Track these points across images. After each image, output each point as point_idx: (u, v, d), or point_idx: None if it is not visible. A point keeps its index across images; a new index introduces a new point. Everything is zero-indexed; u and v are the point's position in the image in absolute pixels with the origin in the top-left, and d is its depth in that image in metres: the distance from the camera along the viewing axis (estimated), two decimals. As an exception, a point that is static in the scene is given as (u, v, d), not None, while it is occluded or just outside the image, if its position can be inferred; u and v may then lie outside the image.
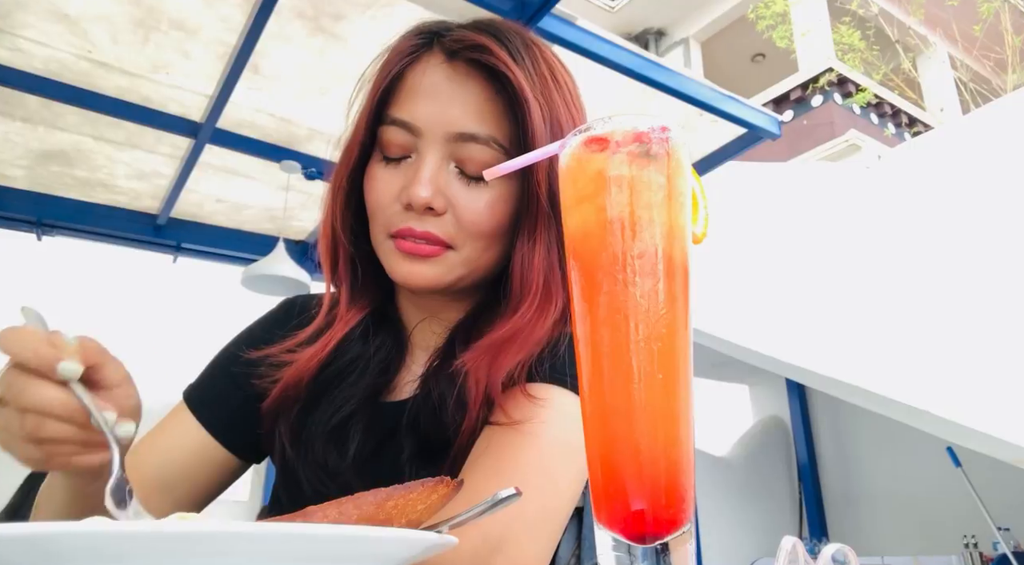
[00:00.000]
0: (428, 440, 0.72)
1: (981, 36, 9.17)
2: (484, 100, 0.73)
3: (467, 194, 0.72)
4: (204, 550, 0.30)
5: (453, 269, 0.72)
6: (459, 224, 0.71)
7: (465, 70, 0.74)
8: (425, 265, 0.71)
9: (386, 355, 0.79)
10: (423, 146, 0.72)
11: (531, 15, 2.07)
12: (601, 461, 0.37)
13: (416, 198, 0.69)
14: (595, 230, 0.38)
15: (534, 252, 0.73)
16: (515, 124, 0.72)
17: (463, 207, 0.71)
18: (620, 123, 0.39)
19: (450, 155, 0.72)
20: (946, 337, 3.00)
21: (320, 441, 0.74)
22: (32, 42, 2.23)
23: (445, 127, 0.72)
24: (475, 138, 0.72)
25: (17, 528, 0.28)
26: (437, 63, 0.75)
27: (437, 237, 0.71)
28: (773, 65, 10.08)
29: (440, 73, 0.74)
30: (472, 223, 0.71)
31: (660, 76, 2.52)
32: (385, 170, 0.74)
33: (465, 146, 0.72)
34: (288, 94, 2.57)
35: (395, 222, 0.72)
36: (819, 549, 0.40)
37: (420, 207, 0.70)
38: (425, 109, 0.73)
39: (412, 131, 0.72)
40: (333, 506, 0.45)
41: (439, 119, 0.72)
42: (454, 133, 0.72)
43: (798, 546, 0.38)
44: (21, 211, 3.08)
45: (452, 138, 0.72)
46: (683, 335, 0.37)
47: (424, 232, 0.70)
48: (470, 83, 0.73)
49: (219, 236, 3.53)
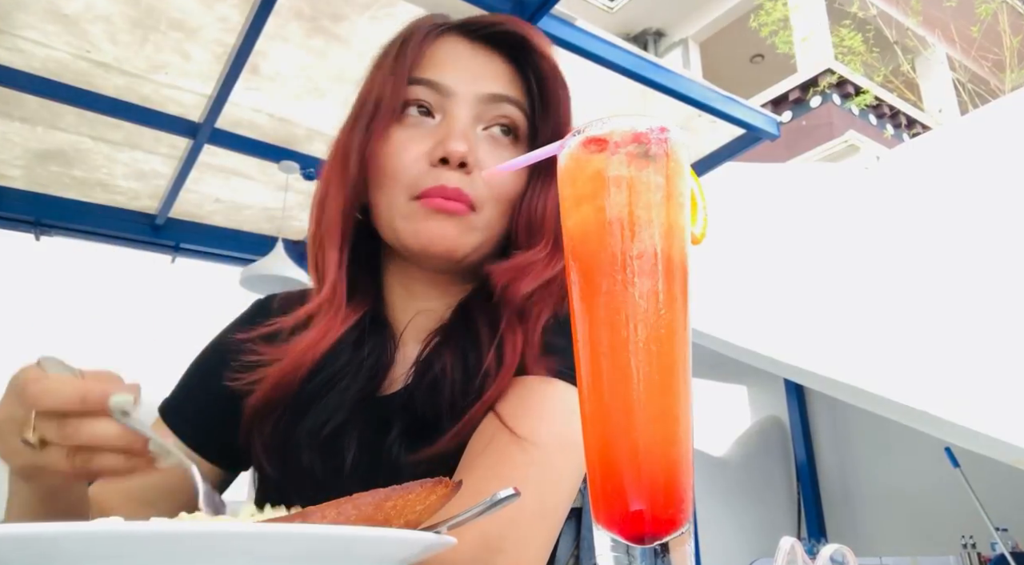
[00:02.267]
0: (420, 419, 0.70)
1: (979, 37, 9.18)
2: (509, 70, 0.76)
3: (496, 157, 0.72)
4: (204, 550, 0.30)
5: (473, 232, 0.71)
6: (487, 185, 0.71)
7: (486, 46, 0.76)
8: (451, 223, 0.70)
9: (376, 357, 0.76)
10: (452, 106, 0.72)
11: (530, 15, 2.07)
12: (600, 461, 0.37)
13: (454, 151, 0.68)
14: (594, 231, 0.38)
15: (546, 203, 0.74)
16: (538, 98, 0.75)
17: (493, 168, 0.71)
18: (619, 124, 0.39)
19: (479, 117, 0.73)
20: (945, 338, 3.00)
21: (308, 451, 0.71)
22: (31, 42, 2.23)
23: (476, 87, 0.72)
24: (507, 98, 0.73)
25: (17, 528, 0.28)
26: (458, 40, 0.76)
27: (466, 195, 0.70)
28: (772, 66, 10.09)
29: (464, 46, 0.76)
30: (499, 184, 0.72)
31: (659, 77, 2.52)
32: (407, 132, 0.72)
33: (497, 106, 0.73)
34: (287, 94, 2.57)
35: (423, 181, 0.70)
36: (817, 549, 0.40)
37: (457, 160, 0.69)
38: (454, 71, 0.73)
39: (440, 90, 0.72)
40: (332, 507, 0.45)
41: (470, 79, 0.72)
42: (485, 94, 0.73)
43: (796, 546, 0.38)
44: (19, 211, 3.07)
45: (483, 99, 0.73)
46: (682, 335, 0.37)
47: (456, 189, 0.69)
48: (494, 55, 0.76)
49: (218, 236, 3.53)
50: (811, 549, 3.79)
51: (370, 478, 0.68)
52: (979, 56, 9.58)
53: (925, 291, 3.33)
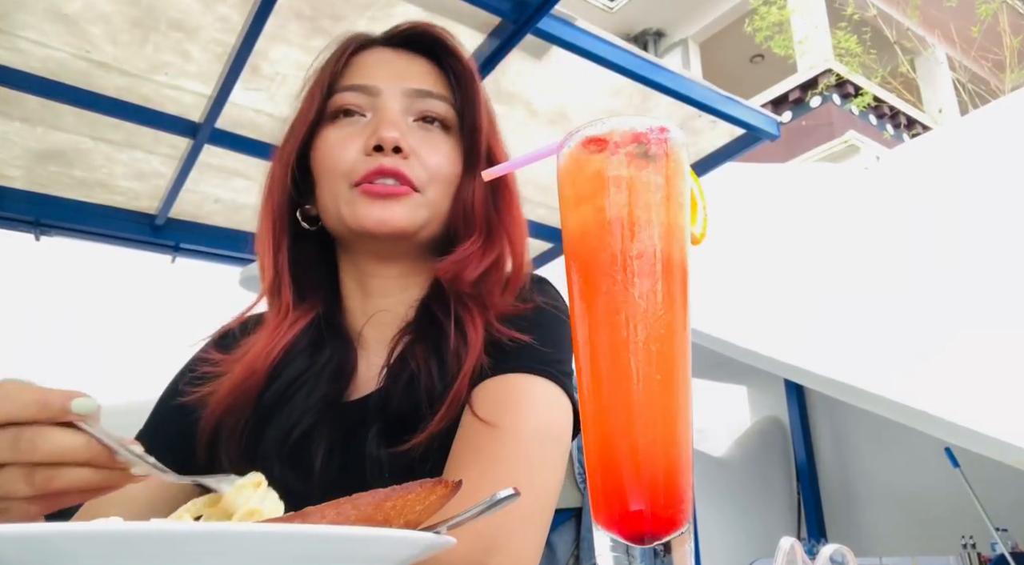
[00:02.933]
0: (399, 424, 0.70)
1: (979, 37, 9.18)
2: (432, 69, 0.83)
3: (428, 143, 0.79)
4: (204, 550, 0.30)
5: (419, 211, 0.76)
6: (424, 167, 0.77)
7: (408, 50, 0.83)
8: (396, 206, 0.74)
9: (337, 361, 0.76)
10: (382, 102, 0.77)
11: (530, 16, 2.07)
12: (600, 461, 0.37)
13: (386, 137, 0.73)
14: (594, 231, 0.38)
15: (473, 195, 0.80)
16: (459, 92, 0.82)
17: (427, 152, 0.78)
18: (618, 124, 0.39)
19: (408, 109, 0.79)
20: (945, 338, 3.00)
21: (278, 461, 0.70)
22: (30, 42, 2.23)
23: (403, 84, 0.79)
24: (431, 94, 0.80)
25: (17, 528, 0.28)
26: (382, 49, 0.83)
27: (405, 175, 0.75)
28: (772, 66, 10.09)
29: (387, 52, 0.83)
30: (437, 165, 0.78)
31: (659, 77, 2.52)
32: (340, 131, 0.77)
33: (423, 100, 0.80)
34: (287, 94, 2.57)
35: (361, 168, 0.74)
36: (817, 550, 0.40)
37: (390, 145, 0.73)
38: (380, 73, 0.79)
39: (369, 92, 0.77)
40: (331, 507, 0.45)
41: (395, 78, 0.78)
42: (412, 89, 0.79)
43: (796, 547, 0.38)
44: (19, 211, 3.07)
45: (411, 94, 0.79)
46: (681, 335, 0.37)
47: (394, 168, 0.74)
48: (416, 58, 0.83)
49: (218, 236, 3.52)
50: (811, 549, 3.79)
51: (340, 482, 0.68)
52: (979, 56, 9.58)
53: (925, 291, 3.33)
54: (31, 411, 0.45)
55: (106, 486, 0.49)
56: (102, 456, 0.47)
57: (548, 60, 2.36)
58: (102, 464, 0.47)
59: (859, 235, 4.01)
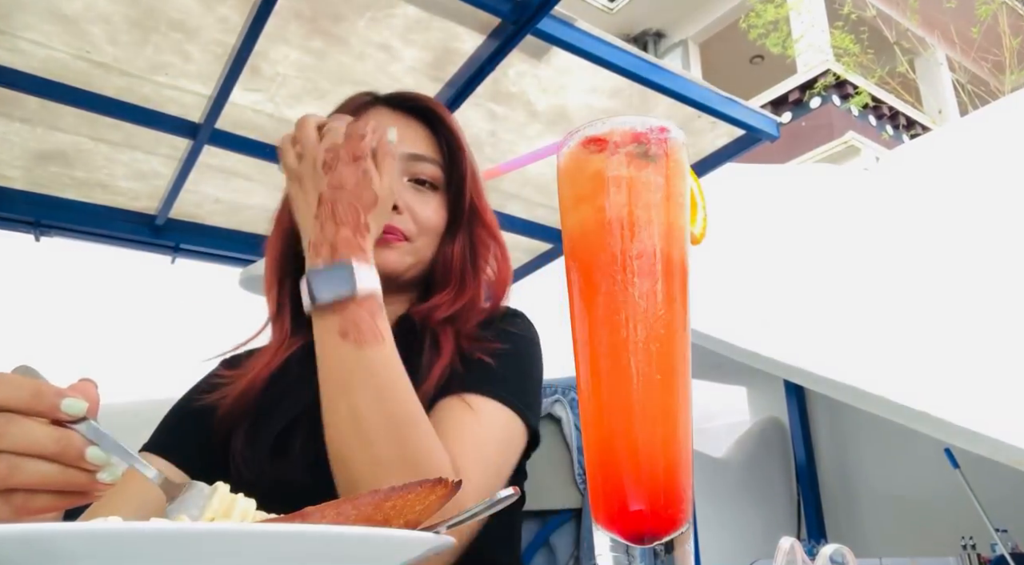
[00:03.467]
0: None
1: (979, 38, 9.18)
2: (426, 135, 0.98)
3: (420, 201, 0.95)
4: (203, 550, 0.30)
5: (407, 256, 0.93)
6: (415, 221, 0.93)
7: (407, 115, 0.99)
8: (391, 251, 0.90)
9: None
10: None
11: (529, 16, 2.07)
12: (600, 461, 0.37)
13: None
14: (593, 230, 0.38)
15: (453, 251, 0.97)
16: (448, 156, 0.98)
17: (419, 209, 0.94)
18: (618, 124, 0.39)
19: (404, 170, 0.94)
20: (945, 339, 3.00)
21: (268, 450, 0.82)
22: (30, 42, 2.23)
23: (401, 148, 0.92)
24: (424, 158, 0.96)
25: (17, 528, 0.28)
26: (384, 110, 0.99)
27: (399, 230, 0.91)
28: (772, 67, 10.09)
29: (388, 115, 0.98)
30: (426, 219, 0.94)
31: (658, 77, 2.52)
32: None
33: (418, 164, 0.96)
34: (287, 95, 2.57)
35: None
36: (817, 550, 0.40)
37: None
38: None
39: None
40: (331, 507, 0.45)
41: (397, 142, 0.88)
42: (407, 154, 0.94)
43: (796, 547, 0.38)
44: (19, 212, 3.07)
45: (406, 158, 0.94)
46: (681, 336, 0.37)
47: (391, 226, 0.88)
48: (412, 122, 0.98)
49: (217, 237, 3.52)
50: (811, 550, 3.79)
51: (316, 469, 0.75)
52: (979, 57, 9.59)
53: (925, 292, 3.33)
54: (23, 400, 0.46)
55: (71, 488, 0.48)
56: (71, 454, 0.47)
57: (548, 61, 2.36)
58: (69, 462, 0.47)
59: (859, 236, 4.01)
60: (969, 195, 3.79)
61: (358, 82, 2.50)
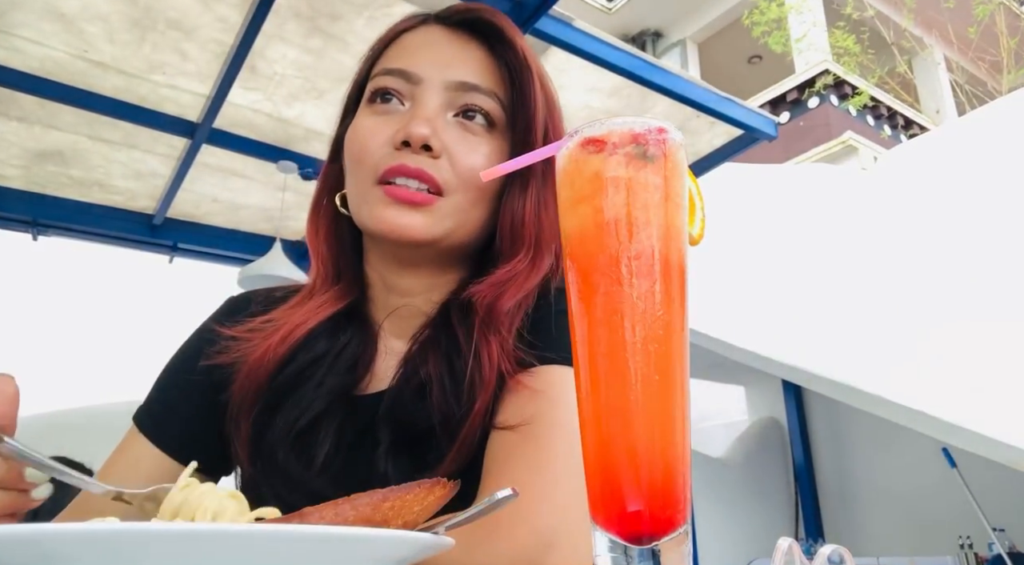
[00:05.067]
0: (410, 429, 0.67)
1: (976, 38, 9.20)
2: (485, 59, 0.73)
3: (465, 142, 0.70)
4: (201, 550, 0.30)
5: (443, 220, 0.69)
6: (454, 170, 0.69)
7: (465, 34, 0.74)
8: (416, 214, 0.68)
9: (355, 349, 0.73)
10: (420, 92, 0.71)
11: (528, 16, 2.07)
12: (598, 462, 0.37)
13: (415, 133, 0.67)
14: (592, 231, 0.38)
15: (524, 207, 0.72)
16: (512, 87, 0.73)
17: (461, 153, 0.69)
18: (617, 124, 0.39)
19: (449, 104, 0.71)
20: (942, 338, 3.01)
21: (283, 449, 0.68)
22: (28, 41, 2.23)
23: (446, 75, 0.71)
24: (477, 88, 0.71)
25: (17, 528, 0.28)
26: (435, 28, 0.75)
27: (431, 176, 0.67)
28: (770, 67, 10.10)
29: (439, 33, 0.74)
30: (468, 169, 0.69)
31: (657, 77, 2.53)
32: (374, 118, 0.71)
33: (467, 94, 0.71)
34: (285, 94, 2.57)
35: (385, 161, 0.68)
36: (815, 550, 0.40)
37: (418, 142, 0.67)
38: (424, 58, 0.72)
39: (409, 78, 0.71)
40: (330, 507, 0.45)
41: (440, 66, 0.71)
42: (455, 81, 0.71)
43: (794, 547, 0.38)
44: (17, 211, 3.07)
45: (453, 86, 0.71)
46: (680, 336, 0.37)
47: (418, 169, 0.67)
48: (470, 44, 0.74)
49: (215, 236, 3.52)
50: (809, 549, 3.80)
51: (341, 478, 0.66)
52: (976, 57, 9.61)
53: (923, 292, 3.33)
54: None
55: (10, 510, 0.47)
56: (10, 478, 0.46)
57: (547, 61, 2.36)
58: (10, 486, 0.46)
59: (857, 235, 4.02)
60: (967, 195, 3.80)
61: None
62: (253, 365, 0.70)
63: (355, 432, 0.69)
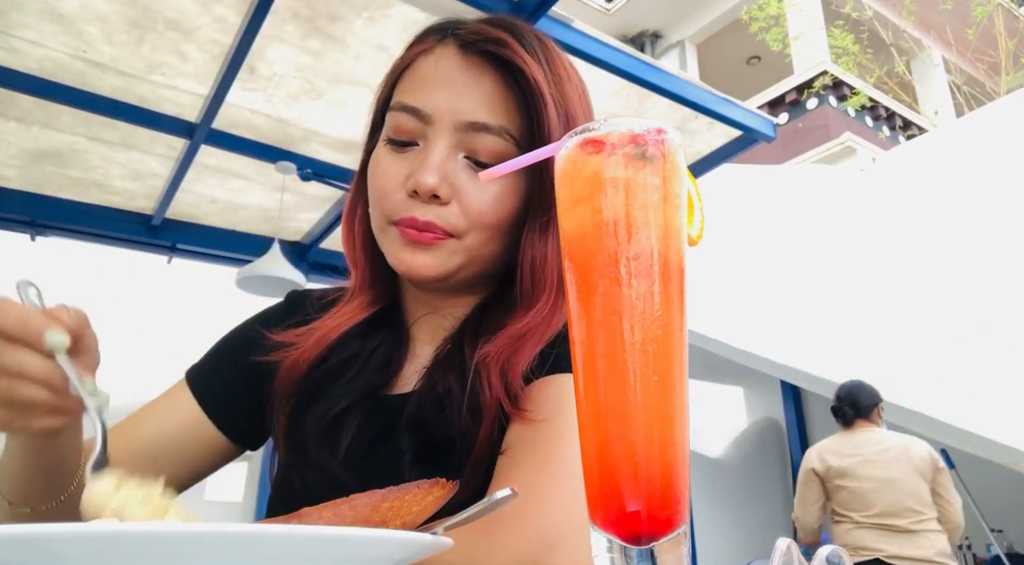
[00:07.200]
0: (430, 436, 0.70)
1: (975, 39, 9.21)
2: (497, 92, 0.72)
3: (475, 185, 0.70)
4: (200, 551, 0.30)
5: (452, 257, 0.71)
6: (464, 214, 0.70)
7: (479, 62, 0.73)
8: (426, 254, 0.70)
9: (386, 351, 0.78)
10: (432, 134, 0.71)
11: (527, 17, 2.07)
12: (596, 462, 0.37)
13: (423, 184, 0.68)
14: (591, 232, 0.38)
15: (546, 247, 0.72)
16: (528, 119, 0.72)
17: (470, 198, 0.70)
18: (616, 125, 0.39)
19: (460, 144, 0.71)
20: (940, 340, 3.02)
21: (313, 438, 0.73)
22: (27, 42, 2.23)
23: (456, 116, 0.71)
24: (487, 128, 0.71)
25: (17, 528, 0.28)
26: (451, 54, 0.74)
27: (440, 227, 0.69)
28: (768, 68, 10.12)
29: (453, 63, 0.73)
30: (478, 213, 0.70)
31: (656, 78, 2.53)
32: (390, 156, 0.73)
33: (476, 136, 0.71)
34: (284, 95, 2.57)
35: (399, 210, 0.71)
36: (813, 550, 0.40)
37: (426, 194, 0.69)
38: (436, 96, 0.72)
39: (422, 118, 0.72)
40: (328, 507, 0.45)
41: (450, 107, 0.71)
42: (465, 122, 0.71)
43: (792, 547, 0.38)
44: (15, 211, 3.07)
45: (463, 127, 0.71)
46: (679, 337, 0.37)
47: (426, 222, 0.69)
48: (484, 75, 0.72)
49: (214, 237, 3.52)
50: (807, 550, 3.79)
51: (363, 471, 0.70)
52: (975, 59, 9.62)
53: (921, 293, 3.34)
54: (11, 326, 0.50)
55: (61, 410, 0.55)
56: (55, 380, 0.52)
57: (545, 61, 2.37)
58: (57, 388, 0.53)
59: (855, 237, 4.02)
60: (965, 196, 3.80)
61: (355, 82, 2.50)
62: (290, 364, 0.77)
63: (379, 428, 0.73)
